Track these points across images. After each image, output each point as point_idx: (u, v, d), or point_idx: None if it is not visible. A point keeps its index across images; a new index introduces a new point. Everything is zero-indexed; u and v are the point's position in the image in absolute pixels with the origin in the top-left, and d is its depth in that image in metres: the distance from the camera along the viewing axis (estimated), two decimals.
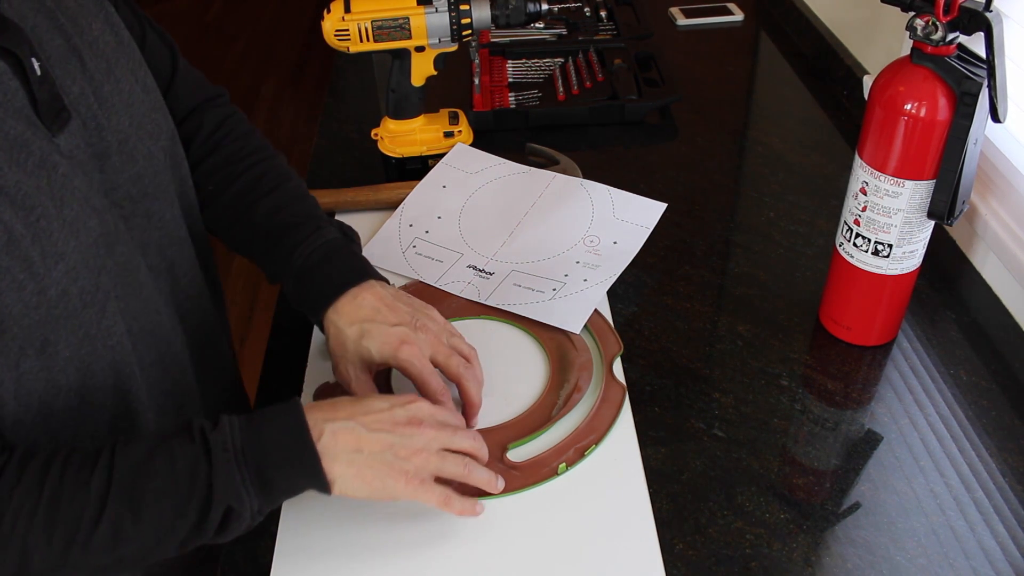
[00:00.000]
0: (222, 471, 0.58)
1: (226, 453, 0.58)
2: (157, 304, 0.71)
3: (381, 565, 0.67)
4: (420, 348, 0.72)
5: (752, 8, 1.55)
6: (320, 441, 0.61)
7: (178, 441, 0.59)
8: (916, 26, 0.71)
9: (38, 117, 0.59)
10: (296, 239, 0.78)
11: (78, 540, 0.55)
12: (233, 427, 0.60)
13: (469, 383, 0.74)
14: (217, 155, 0.82)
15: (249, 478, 0.58)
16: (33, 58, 0.59)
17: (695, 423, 0.79)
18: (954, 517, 0.70)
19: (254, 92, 3.36)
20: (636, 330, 0.89)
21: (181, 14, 3.92)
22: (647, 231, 0.94)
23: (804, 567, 0.67)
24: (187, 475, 0.57)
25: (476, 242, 0.96)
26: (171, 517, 0.57)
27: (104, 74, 0.66)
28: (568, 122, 1.23)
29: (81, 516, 0.55)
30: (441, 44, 1.02)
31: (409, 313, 0.74)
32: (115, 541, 0.56)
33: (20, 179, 0.56)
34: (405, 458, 0.63)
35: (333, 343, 0.75)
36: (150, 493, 0.57)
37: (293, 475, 0.60)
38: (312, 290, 0.76)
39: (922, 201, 0.76)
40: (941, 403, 0.80)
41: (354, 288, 0.75)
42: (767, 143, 1.19)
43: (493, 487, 0.69)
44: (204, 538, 0.59)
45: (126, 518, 0.56)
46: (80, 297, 0.61)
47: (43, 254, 0.57)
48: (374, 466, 0.62)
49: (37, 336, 0.58)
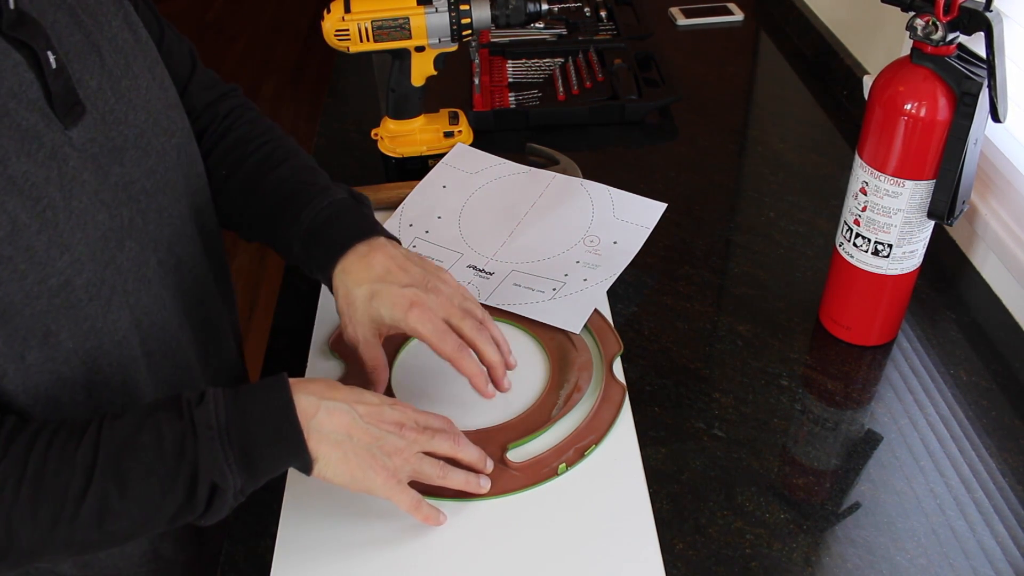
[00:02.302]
0: (206, 448, 0.57)
1: (210, 431, 0.57)
2: (165, 300, 0.72)
3: (381, 565, 0.66)
4: (432, 311, 0.70)
5: (752, 8, 1.55)
6: (314, 418, 0.60)
7: (166, 416, 0.58)
8: (916, 26, 0.71)
9: (52, 110, 0.59)
10: (304, 201, 0.76)
11: (64, 516, 0.55)
12: (218, 403, 0.59)
13: (484, 345, 0.72)
14: (228, 139, 0.83)
15: (233, 456, 0.57)
16: (49, 52, 0.59)
17: (695, 423, 0.79)
18: (954, 517, 0.70)
19: (254, 92, 3.36)
20: (636, 330, 0.89)
21: (181, 14, 3.92)
22: (647, 231, 0.94)
23: (804, 567, 0.67)
24: (174, 452, 0.57)
25: (476, 242, 0.96)
26: (158, 493, 0.56)
27: (122, 70, 0.67)
28: (568, 122, 1.23)
29: (66, 491, 0.55)
30: (441, 44, 1.02)
31: (421, 274, 0.72)
32: (102, 517, 0.56)
33: (29, 169, 0.57)
34: (388, 455, 0.63)
35: (342, 302, 0.73)
36: (137, 469, 0.56)
37: (276, 453, 0.59)
38: (320, 248, 0.74)
39: (922, 201, 0.76)
40: (941, 403, 0.80)
41: (363, 245, 0.73)
42: (767, 143, 1.19)
43: (475, 487, 0.69)
44: (194, 515, 0.58)
45: (112, 494, 0.55)
46: (85, 289, 0.61)
47: (48, 244, 0.58)
48: (360, 455, 0.62)
49: (39, 326, 0.59)
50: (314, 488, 0.71)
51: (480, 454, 0.70)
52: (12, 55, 0.57)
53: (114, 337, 0.65)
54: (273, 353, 0.88)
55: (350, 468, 0.62)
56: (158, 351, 0.71)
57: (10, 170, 0.56)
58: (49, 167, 0.58)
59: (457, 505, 0.70)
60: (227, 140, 0.83)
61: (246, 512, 0.72)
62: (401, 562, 0.67)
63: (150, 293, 0.69)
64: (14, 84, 0.57)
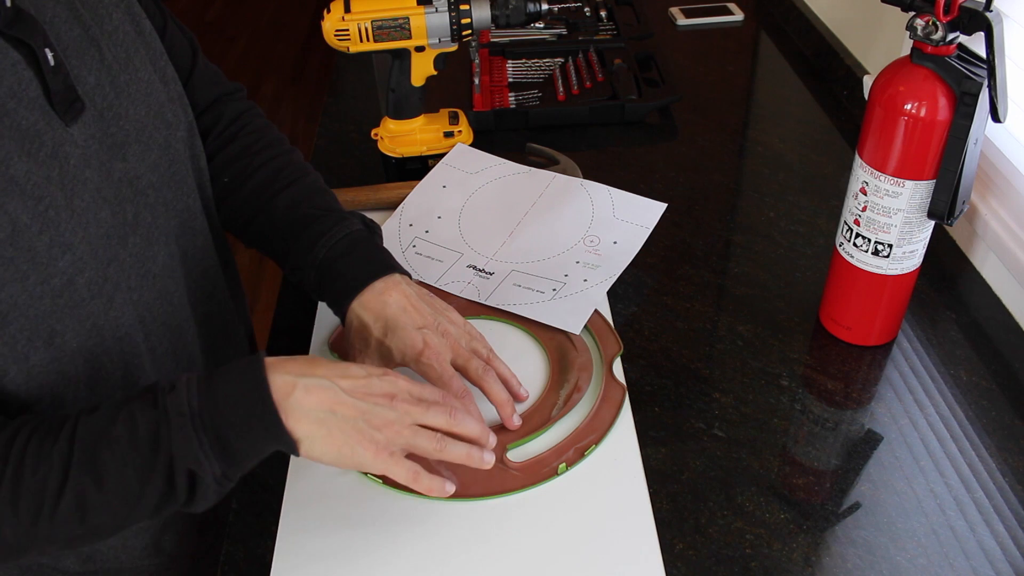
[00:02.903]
0: (179, 436, 0.55)
1: (181, 417, 0.56)
2: (171, 295, 0.72)
3: (381, 565, 0.66)
4: (441, 354, 0.72)
5: (752, 8, 1.55)
6: (291, 397, 0.58)
7: (139, 406, 0.57)
8: (916, 26, 0.71)
9: (52, 107, 0.59)
10: (319, 230, 0.77)
11: (44, 512, 0.55)
12: (191, 388, 0.57)
13: (491, 384, 0.74)
14: (234, 146, 0.83)
15: (208, 441, 0.56)
16: (47, 48, 0.59)
17: (695, 423, 0.79)
18: (954, 517, 0.70)
19: (254, 92, 3.36)
20: (636, 330, 0.89)
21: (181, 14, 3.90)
22: (647, 231, 0.94)
23: (804, 567, 0.67)
24: (148, 442, 0.56)
25: (476, 242, 0.96)
26: (136, 484, 0.56)
27: (122, 64, 0.66)
28: (568, 122, 1.23)
29: (44, 487, 0.55)
30: (441, 44, 1.02)
31: (432, 315, 0.75)
32: (82, 511, 0.55)
33: (30, 169, 0.57)
34: (377, 428, 0.61)
35: (355, 335, 0.75)
36: (112, 462, 0.55)
37: (252, 436, 0.58)
38: (336, 280, 0.76)
39: (922, 201, 0.76)
40: (941, 403, 0.80)
41: (380, 282, 0.75)
42: (767, 143, 1.19)
43: (476, 461, 0.66)
44: (177, 504, 0.57)
45: (89, 488, 0.55)
46: (87, 288, 0.61)
47: (49, 244, 0.58)
48: (345, 430, 0.60)
49: (44, 327, 0.59)
50: (314, 488, 0.72)
51: (481, 428, 0.67)
52: (10, 54, 0.57)
53: (116, 333, 0.65)
54: (273, 353, 0.88)
55: (335, 445, 0.60)
56: (161, 346, 0.71)
57: (12, 170, 0.56)
58: (50, 166, 0.58)
59: (457, 505, 0.70)
60: (233, 147, 0.83)
61: (246, 512, 0.72)
62: (401, 562, 0.67)
63: (154, 288, 0.69)
64: (13, 83, 0.57)
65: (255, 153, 0.82)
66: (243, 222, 0.82)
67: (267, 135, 0.85)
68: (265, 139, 0.84)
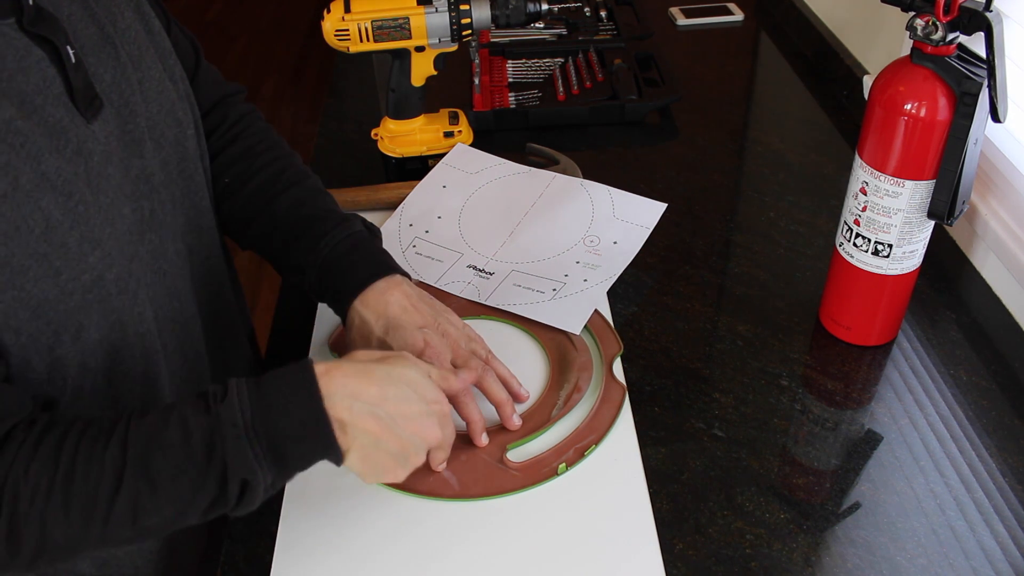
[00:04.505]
0: (233, 447, 0.57)
1: (235, 428, 0.57)
2: (179, 291, 0.72)
3: (381, 565, 0.67)
4: (441, 354, 0.73)
5: (752, 8, 1.55)
6: (344, 417, 0.60)
7: (191, 411, 0.57)
8: (916, 26, 0.71)
9: (74, 104, 0.60)
10: (322, 230, 0.78)
11: (97, 516, 0.55)
12: (242, 398, 0.58)
13: (490, 384, 0.74)
14: (235, 147, 0.83)
15: (262, 452, 0.57)
16: (68, 46, 0.59)
17: (695, 423, 0.79)
18: (954, 517, 0.70)
19: (254, 92, 3.36)
20: (636, 330, 0.89)
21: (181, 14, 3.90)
22: (647, 231, 0.94)
23: (804, 567, 0.67)
24: (202, 449, 0.56)
25: (476, 242, 0.96)
26: (190, 491, 0.57)
27: (135, 62, 0.67)
28: (568, 122, 1.23)
29: (97, 492, 0.55)
30: (441, 44, 1.02)
31: (432, 315, 0.75)
32: (135, 515, 0.56)
33: (60, 165, 0.57)
34: (411, 455, 0.65)
35: (356, 334, 0.75)
36: (166, 467, 0.56)
37: (306, 447, 0.59)
38: (338, 279, 0.77)
39: (922, 201, 0.76)
40: (941, 403, 0.80)
41: (381, 282, 0.75)
42: (767, 143, 1.19)
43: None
44: (226, 508, 0.59)
45: (143, 492, 0.56)
46: (115, 284, 0.62)
47: (80, 240, 0.58)
48: (383, 460, 0.63)
49: (72, 322, 0.59)
50: (314, 488, 0.72)
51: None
52: (34, 51, 0.57)
53: (138, 329, 0.65)
54: (273, 353, 0.88)
55: (370, 466, 0.63)
56: (172, 342, 0.72)
57: (43, 166, 0.56)
58: (77, 163, 0.59)
59: (457, 505, 0.70)
60: (234, 148, 0.83)
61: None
62: (401, 562, 0.67)
63: (164, 284, 0.70)
64: (39, 80, 0.57)
65: (258, 154, 0.83)
66: (243, 222, 0.82)
67: (269, 137, 0.86)
68: (267, 141, 0.85)
